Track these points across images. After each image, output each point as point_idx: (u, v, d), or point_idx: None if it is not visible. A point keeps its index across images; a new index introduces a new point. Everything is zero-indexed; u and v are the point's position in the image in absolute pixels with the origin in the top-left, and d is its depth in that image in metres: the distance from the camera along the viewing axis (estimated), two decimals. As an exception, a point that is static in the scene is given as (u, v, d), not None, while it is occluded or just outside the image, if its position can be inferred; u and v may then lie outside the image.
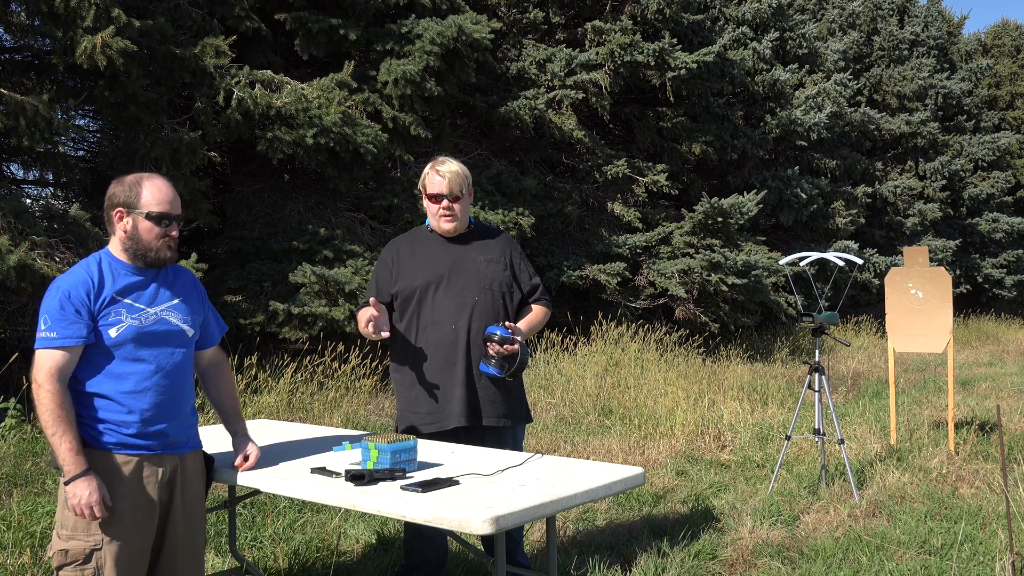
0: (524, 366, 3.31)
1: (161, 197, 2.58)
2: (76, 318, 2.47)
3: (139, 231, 2.57)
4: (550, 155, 11.51)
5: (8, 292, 6.03)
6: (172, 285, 2.69)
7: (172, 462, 2.63)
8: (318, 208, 8.69)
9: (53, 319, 2.46)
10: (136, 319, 2.56)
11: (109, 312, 2.52)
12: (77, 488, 2.42)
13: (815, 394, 5.36)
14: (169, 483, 2.62)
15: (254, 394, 6.71)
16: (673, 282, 11.00)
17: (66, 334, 2.46)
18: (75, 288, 2.50)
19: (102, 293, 2.52)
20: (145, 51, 6.92)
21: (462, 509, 2.31)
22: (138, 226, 2.57)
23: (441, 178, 3.36)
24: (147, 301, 2.60)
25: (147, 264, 2.61)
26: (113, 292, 2.54)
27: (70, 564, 2.47)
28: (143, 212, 2.56)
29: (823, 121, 14.13)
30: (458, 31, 8.36)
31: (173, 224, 2.61)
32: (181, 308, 2.68)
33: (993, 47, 24.53)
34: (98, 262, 2.58)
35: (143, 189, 2.57)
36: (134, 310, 2.56)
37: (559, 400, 7.80)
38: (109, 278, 2.56)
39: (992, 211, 20.32)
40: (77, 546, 2.48)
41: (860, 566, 3.97)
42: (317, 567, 3.89)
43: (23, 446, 5.06)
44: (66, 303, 2.47)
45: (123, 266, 2.60)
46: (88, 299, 2.50)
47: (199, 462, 2.76)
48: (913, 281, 6.56)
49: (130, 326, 2.54)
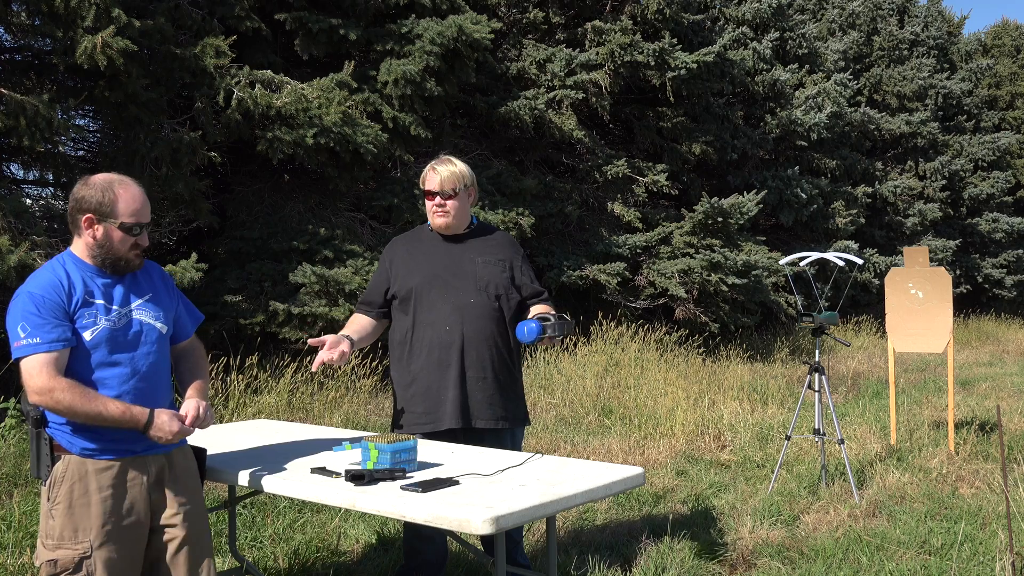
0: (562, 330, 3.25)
1: (136, 207, 2.48)
2: (57, 321, 2.38)
3: (112, 240, 2.48)
4: (550, 155, 11.51)
5: (8, 292, 6.01)
6: (140, 282, 2.61)
7: (157, 462, 2.57)
8: (318, 208, 8.69)
9: (33, 325, 2.36)
10: (109, 320, 2.49)
11: (83, 314, 2.44)
12: (159, 424, 2.45)
13: (815, 394, 5.36)
14: (158, 484, 2.57)
15: (254, 394, 6.71)
16: (673, 282, 11.00)
17: (50, 338, 2.37)
18: (47, 292, 2.40)
19: (73, 294, 2.44)
20: (145, 51, 6.92)
21: (462, 509, 2.31)
22: (111, 235, 2.47)
23: (436, 175, 3.36)
24: (118, 301, 2.53)
25: (113, 271, 2.54)
26: (84, 294, 2.47)
27: (60, 574, 2.43)
28: (117, 222, 2.46)
29: (823, 121, 14.12)
30: (458, 31, 8.36)
31: (144, 232, 2.53)
32: (151, 306, 2.60)
33: (993, 47, 24.52)
34: (63, 264, 2.49)
35: (118, 199, 2.45)
36: (106, 311, 2.49)
37: (559, 400, 7.80)
38: (78, 280, 2.47)
39: (992, 211, 20.31)
40: (66, 555, 2.42)
41: (860, 566, 3.97)
42: (317, 567, 3.89)
43: (23, 446, 5.06)
44: (42, 307, 2.37)
45: (89, 268, 2.51)
46: (64, 301, 2.41)
47: (188, 457, 2.69)
48: (913, 281, 6.56)
49: (104, 327, 2.47)
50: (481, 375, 3.34)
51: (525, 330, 3.17)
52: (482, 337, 3.35)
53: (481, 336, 3.35)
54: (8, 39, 7.12)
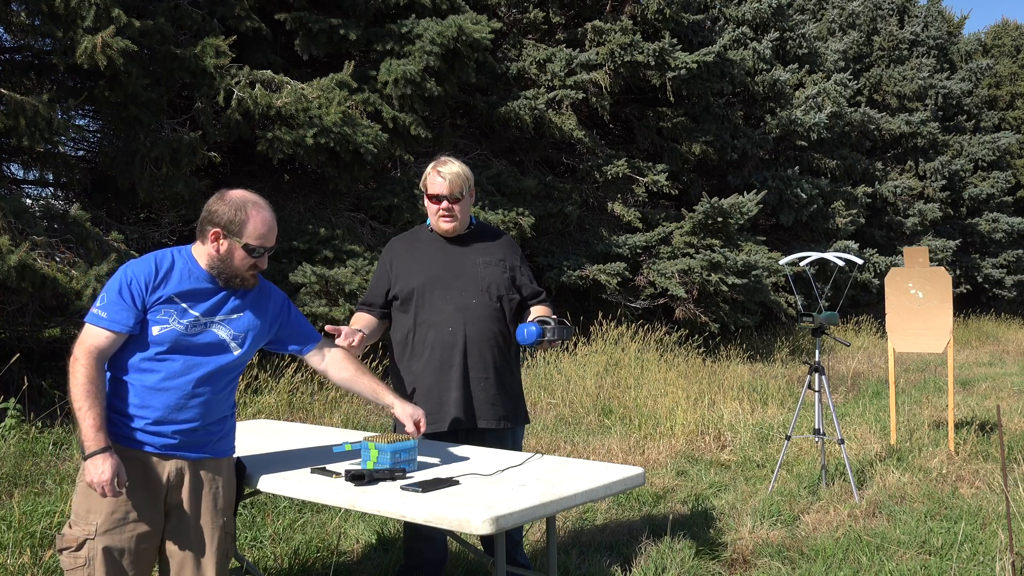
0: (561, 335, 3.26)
1: (265, 231, 2.57)
2: (129, 306, 2.46)
3: (233, 258, 2.56)
4: (550, 155, 11.51)
5: (8, 292, 6.03)
6: (247, 301, 2.65)
7: (178, 465, 2.55)
8: (318, 208, 8.69)
9: (110, 299, 2.46)
10: (183, 325, 2.51)
11: (160, 309, 2.49)
12: (94, 464, 2.39)
13: (815, 394, 5.36)
14: (177, 487, 2.55)
15: (254, 394, 6.71)
16: (673, 282, 11.00)
17: (115, 318, 2.45)
18: (138, 276, 2.50)
19: (160, 288, 2.50)
20: (145, 51, 6.92)
21: (462, 509, 2.31)
22: (233, 253, 2.56)
23: (442, 179, 3.35)
24: (205, 311, 2.56)
25: (226, 285, 2.59)
26: (173, 292, 2.51)
27: (66, 549, 2.47)
28: (242, 242, 2.55)
29: (823, 121, 14.13)
30: (458, 31, 8.36)
31: (265, 256, 2.61)
32: (237, 324, 2.62)
33: (993, 47, 24.53)
34: (173, 258, 2.57)
35: (249, 220, 2.54)
36: (186, 315, 2.52)
37: (559, 400, 7.80)
38: (176, 277, 2.54)
39: (992, 211, 20.32)
40: (74, 533, 2.47)
41: (860, 566, 3.97)
42: (317, 567, 3.88)
43: (23, 446, 5.06)
44: (124, 288, 2.47)
45: (200, 272, 2.57)
46: (145, 290, 2.48)
47: (221, 470, 2.65)
48: (913, 281, 6.56)
49: (173, 330, 2.50)
50: (483, 375, 3.35)
51: (525, 333, 3.18)
52: (484, 338, 3.35)
53: (483, 337, 3.35)
54: (8, 39, 7.12)
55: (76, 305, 5.69)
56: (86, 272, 5.76)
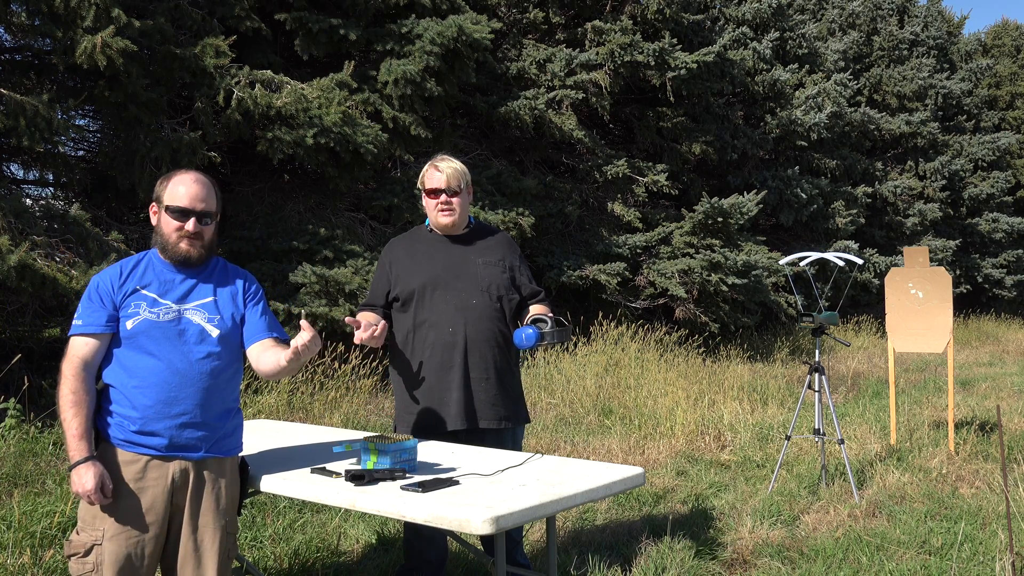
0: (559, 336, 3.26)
1: (184, 191, 2.56)
2: (99, 305, 2.52)
3: (160, 224, 2.60)
4: (550, 155, 11.51)
5: (8, 292, 6.03)
6: (216, 284, 2.65)
7: (182, 466, 2.53)
8: (318, 208, 8.69)
9: (83, 307, 2.54)
10: (154, 313, 2.53)
11: (129, 303, 2.53)
12: (77, 474, 2.41)
13: (815, 394, 5.36)
14: (182, 488, 2.53)
15: (255, 394, 6.71)
16: (673, 282, 11.00)
17: (89, 320, 2.51)
18: (103, 279, 2.57)
19: (127, 283, 2.56)
20: (145, 51, 6.92)
21: (462, 509, 2.31)
22: (160, 219, 2.60)
23: (440, 173, 3.36)
24: (175, 297, 2.58)
25: (171, 259, 2.60)
26: (137, 284, 2.56)
27: (74, 555, 2.48)
28: (164, 205, 2.58)
29: (823, 121, 14.12)
30: (458, 31, 8.36)
31: (192, 219, 2.57)
32: (210, 307, 2.61)
33: (993, 47, 24.53)
34: (139, 257, 2.63)
35: (169, 183, 2.59)
36: (156, 304, 2.55)
37: (559, 400, 7.80)
38: (141, 270, 2.59)
39: (992, 211, 20.32)
40: (81, 539, 2.48)
41: (860, 566, 3.97)
42: (317, 567, 3.88)
43: (23, 446, 5.06)
44: (93, 293, 2.54)
45: (161, 263, 2.62)
46: (112, 289, 2.54)
47: (224, 470, 2.62)
48: (913, 281, 6.56)
49: (145, 319, 2.52)
50: (484, 376, 3.35)
51: (523, 337, 3.18)
52: (485, 338, 3.35)
53: (484, 337, 3.35)
54: (8, 39, 7.12)
55: (76, 305, 5.68)
56: (86, 272, 5.76)
